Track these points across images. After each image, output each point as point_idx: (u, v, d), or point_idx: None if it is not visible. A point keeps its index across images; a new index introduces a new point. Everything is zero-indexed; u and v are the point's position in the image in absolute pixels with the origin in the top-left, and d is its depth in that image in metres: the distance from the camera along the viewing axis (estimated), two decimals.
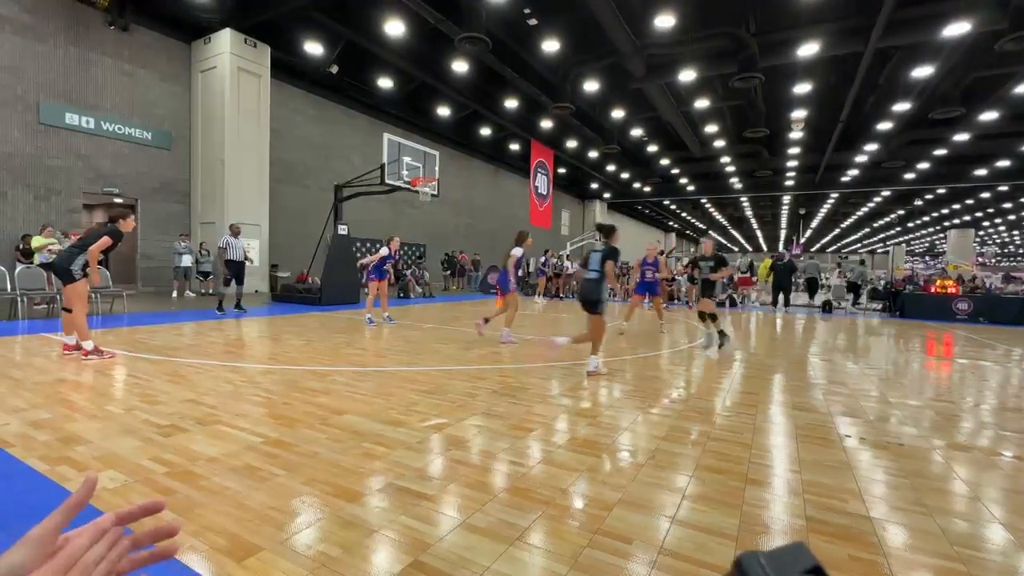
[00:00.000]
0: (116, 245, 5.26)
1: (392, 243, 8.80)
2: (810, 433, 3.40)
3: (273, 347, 6.18)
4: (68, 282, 5.13)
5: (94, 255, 5.09)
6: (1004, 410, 4.22)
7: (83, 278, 5.16)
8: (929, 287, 15.16)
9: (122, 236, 5.28)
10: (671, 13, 12.22)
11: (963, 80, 14.42)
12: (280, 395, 3.95)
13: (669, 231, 55.55)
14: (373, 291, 8.60)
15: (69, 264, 5.09)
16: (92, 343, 5.08)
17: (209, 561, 1.76)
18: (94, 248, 5.05)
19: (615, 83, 16.81)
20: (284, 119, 15.93)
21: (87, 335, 5.07)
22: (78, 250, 5.15)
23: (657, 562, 1.84)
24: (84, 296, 5.22)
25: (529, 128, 22.19)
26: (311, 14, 12.81)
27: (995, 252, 53.23)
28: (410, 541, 1.93)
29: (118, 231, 5.20)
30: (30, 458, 2.59)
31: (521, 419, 3.54)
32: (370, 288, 8.62)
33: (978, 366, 6.43)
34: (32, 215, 11.06)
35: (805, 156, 24.60)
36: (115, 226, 5.20)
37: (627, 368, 5.54)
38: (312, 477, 2.47)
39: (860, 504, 2.36)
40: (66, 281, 5.14)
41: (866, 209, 37.78)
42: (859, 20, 12.30)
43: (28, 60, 10.91)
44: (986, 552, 1.99)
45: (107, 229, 5.17)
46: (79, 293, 5.14)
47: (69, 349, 5.26)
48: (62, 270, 5.12)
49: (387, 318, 8.95)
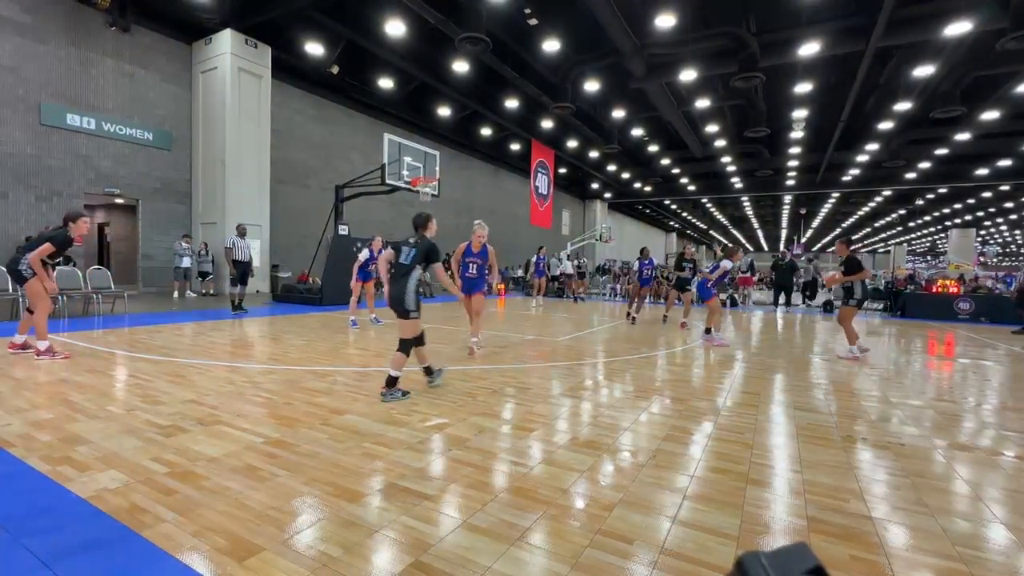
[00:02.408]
0: (62, 250, 5.15)
1: (374, 243, 8.71)
2: (811, 433, 3.40)
3: (274, 347, 6.18)
4: (20, 282, 5.08)
5: (35, 263, 4.96)
6: (1005, 410, 4.22)
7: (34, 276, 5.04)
8: (931, 287, 15.14)
9: (70, 241, 5.14)
10: (671, 13, 12.21)
11: (964, 79, 14.38)
12: (281, 395, 3.95)
13: (670, 231, 55.51)
14: (357, 292, 8.53)
15: (17, 265, 5.03)
16: (47, 343, 5.03)
17: (210, 561, 1.76)
18: (33, 257, 4.92)
19: (615, 83, 16.81)
20: (285, 119, 15.93)
21: (44, 335, 5.03)
22: (28, 250, 5.04)
23: (658, 562, 1.84)
24: (43, 294, 5.10)
25: (529, 128, 22.18)
26: (311, 14, 12.81)
27: (996, 251, 53.09)
28: (411, 541, 1.93)
29: (66, 236, 5.08)
30: (31, 458, 2.59)
31: (522, 419, 3.54)
32: (354, 289, 8.52)
33: (979, 366, 6.42)
34: (33, 216, 11.07)
35: (806, 155, 24.57)
36: (64, 230, 5.08)
37: (628, 368, 5.54)
38: (313, 477, 2.47)
39: (861, 504, 2.36)
40: (19, 281, 5.09)
41: (867, 209, 37.73)
42: (860, 19, 12.28)
43: (29, 61, 10.93)
44: (988, 552, 1.99)
45: (51, 234, 5.06)
46: (35, 292, 5.05)
47: (15, 348, 5.18)
48: (12, 271, 5.07)
49: (374, 319, 8.81)
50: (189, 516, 2.06)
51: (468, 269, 6.08)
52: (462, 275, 6.11)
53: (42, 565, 1.72)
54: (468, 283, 6.09)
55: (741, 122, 20.32)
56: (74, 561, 1.75)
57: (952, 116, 15.42)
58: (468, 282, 6.09)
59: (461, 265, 6.11)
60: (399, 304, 4.01)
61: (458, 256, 6.14)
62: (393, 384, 3.92)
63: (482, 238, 6.01)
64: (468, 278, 6.07)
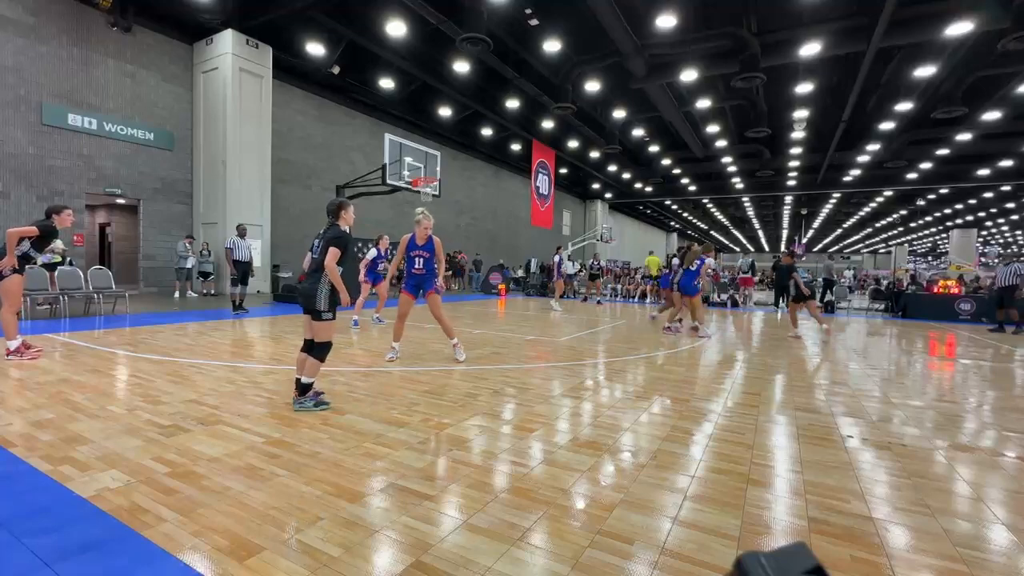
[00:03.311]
0: (47, 239, 5.18)
1: (381, 242, 8.63)
2: (812, 433, 3.40)
3: (275, 347, 6.19)
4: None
5: (11, 237, 4.90)
6: (1006, 410, 4.21)
7: (13, 274, 5.02)
8: (932, 287, 15.12)
9: (55, 231, 5.20)
10: (672, 13, 12.20)
11: (965, 79, 14.37)
12: (282, 395, 3.96)
13: (671, 231, 55.51)
14: (365, 293, 8.48)
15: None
16: (16, 343, 5.00)
17: (211, 561, 1.77)
18: (13, 231, 4.90)
19: (616, 83, 16.81)
20: (286, 120, 15.95)
21: (13, 335, 5.00)
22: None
23: (658, 563, 1.84)
24: (13, 293, 5.08)
25: (530, 128, 22.19)
26: (313, 15, 12.83)
27: (998, 252, 53.03)
28: (411, 541, 1.93)
29: (50, 226, 5.14)
30: (33, 458, 2.60)
31: (523, 419, 3.54)
32: (363, 290, 8.46)
33: (980, 366, 6.41)
34: (35, 215, 11.02)
35: (807, 156, 24.56)
36: (49, 221, 5.14)
37: (628, 368, 5.54)
38: (313, 477, 2.47)
39: (862, 505, 2.36)
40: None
41: (868, 209, 37.70)
42: (861, 19, 12.27)
43: (31, 61, 10.95)
44: (989, 553, 1.99)
45: (35, 222, 5.12)
46: (7, 289, 5.03)
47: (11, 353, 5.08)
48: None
49: (376, 319, 8.77)
50: (190, 516, 2.07)
51: (414, 264, 5.49)
52: (408, 271, 5.54)
53: (43, 565, 1.72)
54: (414, 280, 5.53)
55: (742, 122, 20.32)
56: (75, 561, 1.75)
57: (953, 116, 15.41)
58: (414, 279, 5.52)
59: (406, 260, 5.52)
60: (310, 301, 3.60)
61: (401, 249, 5.50)
62: (306, 392, 3.57)
63: (428, 229, 5.38)
64: (414, 274, 5.50)
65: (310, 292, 3.60)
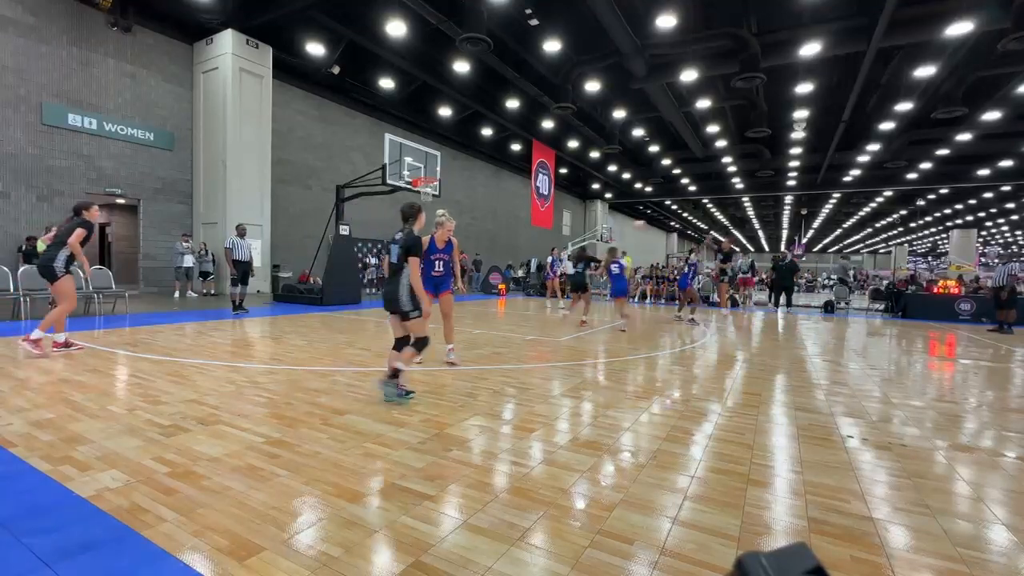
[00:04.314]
0: (90, 235, 5.47)
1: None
2: (812, 434, 3.40)
3: (275, 347, 6.19)
4: (52, 280, 5.29)
5: (75, 248, 5.28)
6: (1007, 411, 4.21)
7: (66, 275, 5.33)
8: (932, 287, 15.12)
9: (92, 225, 5.49)
10: (672, 13, 12.21)
11: (966, 80, 14.36)
12: (282, 395, 3.96)
13: (671, 231, 55.50)
14: None
15: (52, 262, 5.25)
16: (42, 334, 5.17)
17: (211, 561, 1.77)
18: (72, 241, 5.24)
19: (616, 83, 16.80)
20: (286, 120, 15.95)
21: (49, 326, 5.21)
22: (56, 248, 5.31)
23: (658, 563, 1.84)
24: (70, 293, 5.38)
25: (530, 128, 22.19)
26: (313, 15, 12.83)
27: (998, 252, 53.01)
28: (411, 541, 1.93)
29: (87, 221, 5.42)
30: (32, 458, 2.60)
31: (522, 419, 3.54)
32: None
33: (980, 367, 6.41)
34: (35, 215, 11.09)
35: (807, 156, 24.56)
36: (83, 218, 5.41)
37: (628, 368, 5.54)
38: (314, 477, 2.47)
39: (862, 505, 2.36)
40: (51, 279, 5.29)
41: (868, 209, 37.69)
42: (861, 19, 12.27)
43: (31, 61, 10.95)
44: (989, 553, 1.99)
45: (77, 222, 5.37)
46: (64, 290, 5.31)
47: (58, 346, 5.37)
48: (45, 269, 5.27)
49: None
50: (190, 516, 2.06)
51: (434, 267, 5.41)
52: (427, 274, 5.38)
53: (43, 565, 1.72)
54: (434, 282, 5.42)
55: (742, 122, 20.31)
56: (75, 561, 1.75)
57: (953, 116, 15.41)
58: (434, 281, 5.42)
59: (426, 263, 5.36)
60: (394, 304, 3.81)
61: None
62: (396, 375, 3.81)
63: (450, 231, 5.34)
64: (435, 276, 5.41)
65: (392, 296, 3.83)
